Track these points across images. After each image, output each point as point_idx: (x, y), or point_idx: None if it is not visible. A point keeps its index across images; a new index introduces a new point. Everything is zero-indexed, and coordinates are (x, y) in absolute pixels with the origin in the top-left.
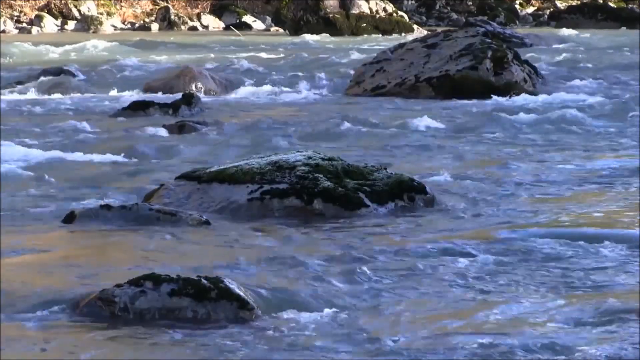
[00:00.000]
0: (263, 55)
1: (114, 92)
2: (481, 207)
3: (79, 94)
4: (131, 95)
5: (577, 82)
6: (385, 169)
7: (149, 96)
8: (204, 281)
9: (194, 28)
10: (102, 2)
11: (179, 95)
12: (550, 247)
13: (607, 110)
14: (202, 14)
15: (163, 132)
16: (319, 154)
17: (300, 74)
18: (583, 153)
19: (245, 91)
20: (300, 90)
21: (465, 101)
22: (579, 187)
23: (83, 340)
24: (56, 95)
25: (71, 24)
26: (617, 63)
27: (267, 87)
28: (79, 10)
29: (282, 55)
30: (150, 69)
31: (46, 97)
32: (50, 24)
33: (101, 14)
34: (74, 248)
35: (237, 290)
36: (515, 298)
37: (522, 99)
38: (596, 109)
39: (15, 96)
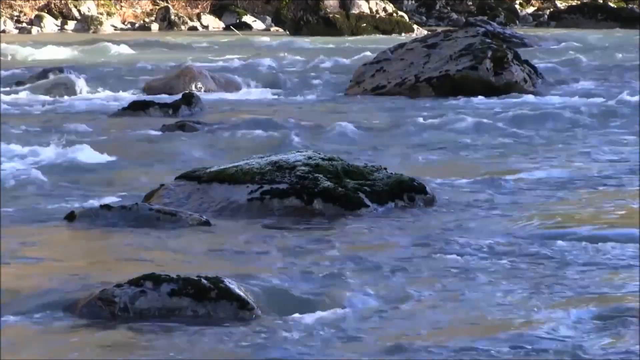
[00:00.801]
0: (263, 55)
1: (114, 92)
2: (481, 207)
3: (78, 94)
4: (131, 95)
5: (577, 82)
6: (385, 169)
7: (149, 96)
8: (204, 281)
9: (194, 28)
10: (102, 2)
11: (179, 95)
12: (550, 247)
13: (607, 110)
14: (202, 14)
15: (163, 132)
16: (319, 154)
17: (300, 74)
18: (583, 153)
19: (245, 91)
20: (300, 90)
21: (465, 101)
22: (579, 187)
23: (83, 341)
24: (56, 96)
25: (71, 24)
26: (616, 63)
27: (267, 87)
28: (79, 10)
29: (282, 55)
30: (150, 69)
31: (46, 97)
32: (50, 24)
33: (101, 14)
34: (73, 248)
35: (237, 290)
36: (516, 298)
37: (522, 99)
38: (596, 109)
39: (15, 96)
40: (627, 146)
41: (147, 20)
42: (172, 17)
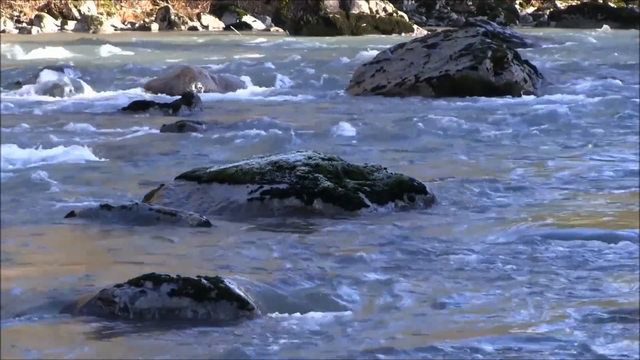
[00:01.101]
0: (263, 55)
1: (114, 92)
2: (481, 207)
3: (78, 94)
4: (131, 95)
5: (577, 82)
6: (385, 169)
7: (149, 96)
8: (204, 281)
9: (194, 28)
10: (102, 2)
11: (179, 96)
12: (550, 247)
13: (607, 110)
14: (202, 14)
15: (163, 132)
16: (319, 154)
17: (300, 73)
18: (583, 153)
19: (245, 91)
20: (300, 90)
21: (465, 101)
22: (579, 187)
23: (83, 340)
24: (55, 96)
25: (71, 24)
26: (617, 63)
27: (266, 87)
28: (79, 10)
29: (282, 55)
30: (150, 69)
31: (46, 97)
32: (50, 24)
33: (101, 14)
34: (73, 248)
35: (237, 290)
36: (516, 298)
37: (522, 99)
38: (596, 109)
39: (15, 96)
40: (627, 146)
41: (147, 20)
42: (172, 17)
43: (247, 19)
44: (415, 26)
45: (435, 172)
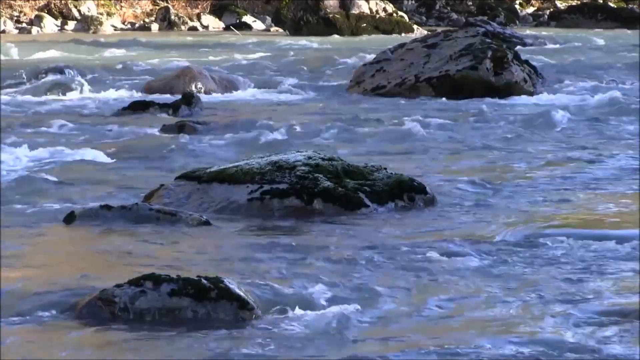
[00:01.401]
0: (263, 55)
1: (114, 92)
2: (481, 207)
3: (78, 94)
4: (131, 95)
5: (576, 82)
6: (385, 169)
7: (149, 96)
8: (204, 281)
9: (194, 28)
10: (102, 2)
11: (179, 95)
12: (550, 247)
13: (607, 110)
14: (202, 14)
15: (163, 132)
16: (319, 154)
17: (300, 74)
18: (583, 153)
19: (244, 91)
20: (300, 90)
21: (465, 101)
22: (579, 187)
23: (83, 341)
24: (56, 96)
25: (71, 24)
26: (616, 63)
27: (266, 87)
28: (79, 11)
29: (281, 55)
30: (150, 69)
31: (46, 97)
32: (50, 24)
33: (101, 14)
34: (74, 248)
35: (237, 290)
36: (516, 298)
37: (522, 99)
38: (596, 109)
39: (15, 96)
40: (627, 146)
41: (147, 20)
42: (172, 17)
43: (247, 19)
44: (415, 26)
45: (435, 172)
